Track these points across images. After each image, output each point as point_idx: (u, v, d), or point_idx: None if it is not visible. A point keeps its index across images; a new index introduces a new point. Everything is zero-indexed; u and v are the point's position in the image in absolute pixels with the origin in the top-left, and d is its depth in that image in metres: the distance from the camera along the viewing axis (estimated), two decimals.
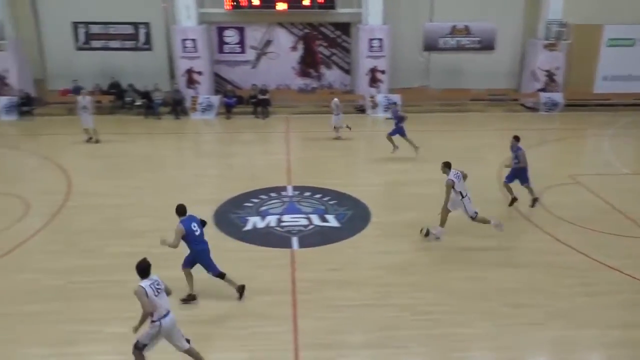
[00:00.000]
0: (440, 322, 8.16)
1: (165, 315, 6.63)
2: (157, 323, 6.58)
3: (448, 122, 20.41)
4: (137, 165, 15.12)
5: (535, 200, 12.17)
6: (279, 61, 22.79)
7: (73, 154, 16.51)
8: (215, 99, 21.12)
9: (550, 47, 21.68)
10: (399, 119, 15.76)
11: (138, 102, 20.89)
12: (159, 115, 20.44)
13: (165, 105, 20.77)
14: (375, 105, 21.45)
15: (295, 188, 13.39)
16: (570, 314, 8.40)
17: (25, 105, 20.29)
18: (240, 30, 22.37)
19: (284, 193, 13.12)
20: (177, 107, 20.62)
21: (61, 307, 8.49)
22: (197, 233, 8.48)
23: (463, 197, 10.19)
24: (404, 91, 21.89)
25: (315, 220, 11.63)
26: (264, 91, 21.23)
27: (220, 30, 22.31)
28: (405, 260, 10.03)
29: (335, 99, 17.76)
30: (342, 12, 21.55)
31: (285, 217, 11.74)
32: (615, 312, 8.47)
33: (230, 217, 11.79)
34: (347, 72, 23.17)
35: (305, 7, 20.98)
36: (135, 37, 21.80)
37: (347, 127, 17.61)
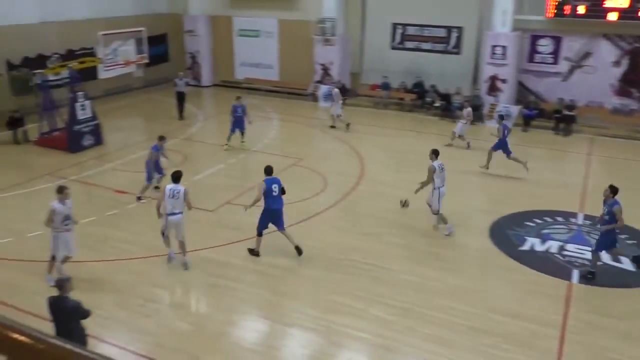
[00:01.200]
0: None
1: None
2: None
3: None
4: (425, 163, 15.57)
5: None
6: (595, 76, 20.63)
7: (370, 143, 17.92)
8: (515, 109, 20.33)
9: None
10: None
11: (437, 104, 21.48)
12: (455, 118, 20.66)
13: (462, 109, 20.88)
14: None
15: (587, 217, 12.08)
16: None
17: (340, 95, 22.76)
18: (557, 40, 20.94)
19: (572, 220, 11.97)
20: (473, 112, 20.52)
21: (336, 278, 9.42)
22: (275, 194, 9.70)
23: (435, 188, 10.75)
24: None
25: (605, 257, 10.30)
26: (570, 107, 19.57)
27: (534, 38, 21.27)
28: None
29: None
30: None
31: (569, 246, 10.71)
32: None
33: (507, 232, 11.30)
34: None
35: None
36: (447, 40, 22.38)
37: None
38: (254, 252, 10.02)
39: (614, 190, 9.45)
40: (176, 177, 9.31)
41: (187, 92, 20.03)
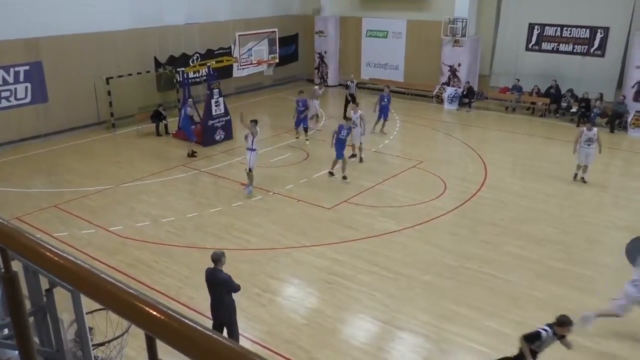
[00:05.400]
0: None
1: None
2: None
3: None
4: (551, 171, 14.63)
5: None
6: None
7: (496, 148, 17.14)
8: None
9: None
10: None
11: (574, 109, 20.00)
12: (594, 125, 19.02)
13: (603, 116, 19.25)
14: None
15: None
16: None
17: (467, 97, 22.07)
18: None
19: None
20: (616, 119, 18.85)
21: (451, 285, 9.16)
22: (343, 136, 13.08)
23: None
24: None
25: None
26: None
27: None
28: None
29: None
30: None
31: None
32: None
33: None
34: None
35: None
36: (590, 41, 20.75)
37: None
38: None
39: None
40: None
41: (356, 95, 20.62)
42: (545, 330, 6.19)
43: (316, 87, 20.05)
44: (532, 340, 6.18)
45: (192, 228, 11.25)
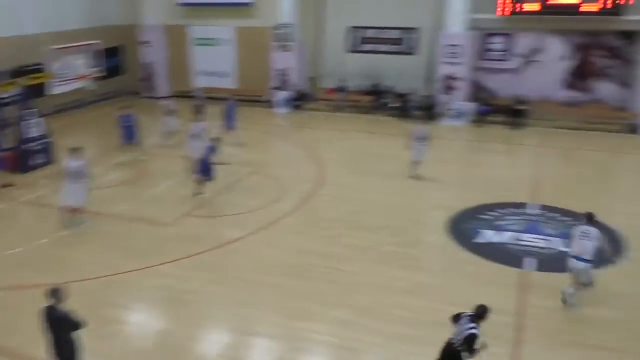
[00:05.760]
0: None
1: None
2: None
3: None
4: (384, 164, 15.81)
5: None
6: (545, 71, 21.28)
7: (329, 147, 18.02)
8: (469, 106, 20.77)
9: None
10: None
11: (394, 104, 21.77)
12: (412, 118, 20.96)
13: (419, 109, 21.23)
14: None
15: (540, 207, 12.44)
16: None
17: (298, 100, 22.87)
18: (508, 37, 21.54)
19: (526, 210, 12.30)
20: (428, 111, 20.90)
21: (298, 284, 9.44)
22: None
23: None
24: None
25: (558, 244, 10.64)
26: (522, 101, 20.11)
27: (487, 36, 21.82)
28: None
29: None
30: (630, 19, 19.04)
31: (524, 236, 11.02)
32: None
33: (463, 226, 11.55)
34: (625, 86, 20.45)
35: (586, 13, 19.13)
36: (402, 41, 22.74)
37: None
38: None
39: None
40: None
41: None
42: (474, 327, 6.16)
43: (167, 102, 19.29)
44: (472, 343, 6.14)
45: (15, 265, 10.16)
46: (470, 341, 6.04)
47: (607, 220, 11.54)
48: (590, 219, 8.74)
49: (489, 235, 11.10)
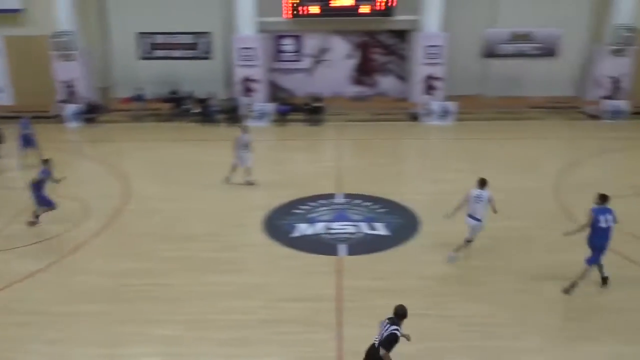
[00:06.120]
0: (486, 334, 7.95)
1: None
2: None
3: (503, 130, 19.86)
4: (193, 171, 15.54)
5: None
6: (334, 69, 22.92)
7: (132, 159, 17.15)
8: (270, 107, 21.44)
9: (617, 53, 20.75)
10: None
11: (195, 110, 21.48)
12: (216, 122, 20.94)
13: (221, 112, 21.27)
14: (429, 113, 21.14)
15: (345, 196, 13.37)
16: (622, 328, 8.04)
17: (90, 113, 21.27)
18: (298, 39, 22.67)
19: (333, 201, 13.13)
20: (232, 114, 21.08)
21: (112, 308, 8.79)
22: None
23: None
24: (460, 99, 21.49)
25: (364, 228, 11.57)
26: (318, 99, 21.38)
27: (278, 38, 22.69)
28: (455, 270, 9.82)
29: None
30: (399, 19, 21.40)
31: (334, 225, 11.74)
32: None
33: (279, 223, 11.90)
34: (402, 79, 23.00)
35: (363, 14, 21.00)
36: (197, 46, 22.50)
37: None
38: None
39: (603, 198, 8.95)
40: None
41: None
42: (397, 329, 6.20)
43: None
44: (393, 344, 6.13)
45: None
46: (389, 340, 6.11)
47: (402, 200, 12.95)
48: (482, 184, 9.81)
49: (303, 228, 11.60)
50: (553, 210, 12.43)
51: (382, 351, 6.15)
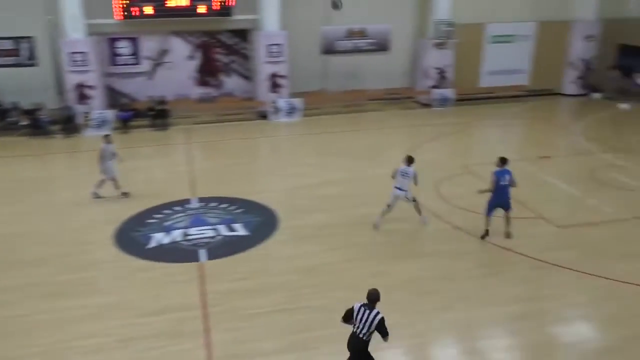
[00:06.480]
0: None
1: None
2: None
3: (348, 123, 20.88)
4: (26, 189, 14.13)
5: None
6: (176, 71, 22.24)
7: None
8: (110, 114, 20.20)
9: (440, 46, 22.81)
10: None
11: (23, 122, 19.51)
12: (49, 134, 19.23)
13: (54, 123, 19.57)
14: (277, 111, 21.48)
15: (200, 200, 13.12)
16: (473, 295, 8.91)
17: None
18: (134, 41, 21.61)
19: (188, 206, 12.80)
20: (67, 124, 19.51)
21: None
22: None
23: None
24: (305, 95, 22.14)
25: (223, 230, 11.45)
26: (162, 102, 20.63)
27: (112, 41, 21.42)
28: (315, 262, 10.13)
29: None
30: (238, 19, 21.38)
31: (191, 230, 11.45)
32: (513, 289, 9.09)
33: (132, 235, 11.32)
34: (248, 78, 23.06)
35: (201, 14, 20.63)
36: (18, 52, 20.42)
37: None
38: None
39: (503, 161, 10.68)
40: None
41: None
42: (378, 312, 6.29)
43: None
44: (384, 326, 6.29)
45: None
46: (382, 325, 6.26)
47: (258, 198, 13.04)
48: (409, 161, 11.01)
49: (159, 238, 11.15)
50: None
51: (386, 339, 6.35)
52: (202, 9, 20.55)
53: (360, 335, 6.35)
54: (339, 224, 11.61)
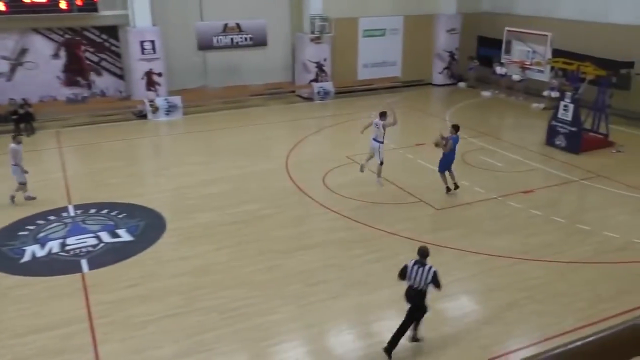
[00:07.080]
0: (246, 316, 8.31)
1: None
2: None
3: (230, 119, 20.64)
4: None
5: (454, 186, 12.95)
6: (39, 71, 20.54)
7: None
8: None
9: (316, 40, 23.26)
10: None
11: None
12: None
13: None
14: (155, 110, 20.69)
15: (77, 207, 12.31)
16: (364, 281, 9.25)
17: None
18: None
19: (65, 214, 11.97)
20: None
21: None
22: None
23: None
24: (184, 92, 21.53)
25: (105, 237, 10.87)
26: (25, 105, 19.00)
27: None
28: (206, 261, 9.97)
29: None
30: (105, 14, 20.23)
31: (70, 240, 10.73)
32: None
33: (2, 250, 10.37)
34: (121, 77, 21.93)
35: (62, 10, 19.23)
36: None
37: None
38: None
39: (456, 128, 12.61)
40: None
41: None
42: (431, 266, 7.09)
43: None
44: (438, 278, 7.08)
45: None
46: (436, 277, 7.05)
47: (141, 201, 12.51)
48: (382, 115, 12.21)
49: (34, 251, 10.33)
50: (287, 187, 13.50)
51: (440, 289, 7.21)
52: (63, 4, 19.16)
53: (418, 288, 7.11)
54: (229, 221, 11.50)
